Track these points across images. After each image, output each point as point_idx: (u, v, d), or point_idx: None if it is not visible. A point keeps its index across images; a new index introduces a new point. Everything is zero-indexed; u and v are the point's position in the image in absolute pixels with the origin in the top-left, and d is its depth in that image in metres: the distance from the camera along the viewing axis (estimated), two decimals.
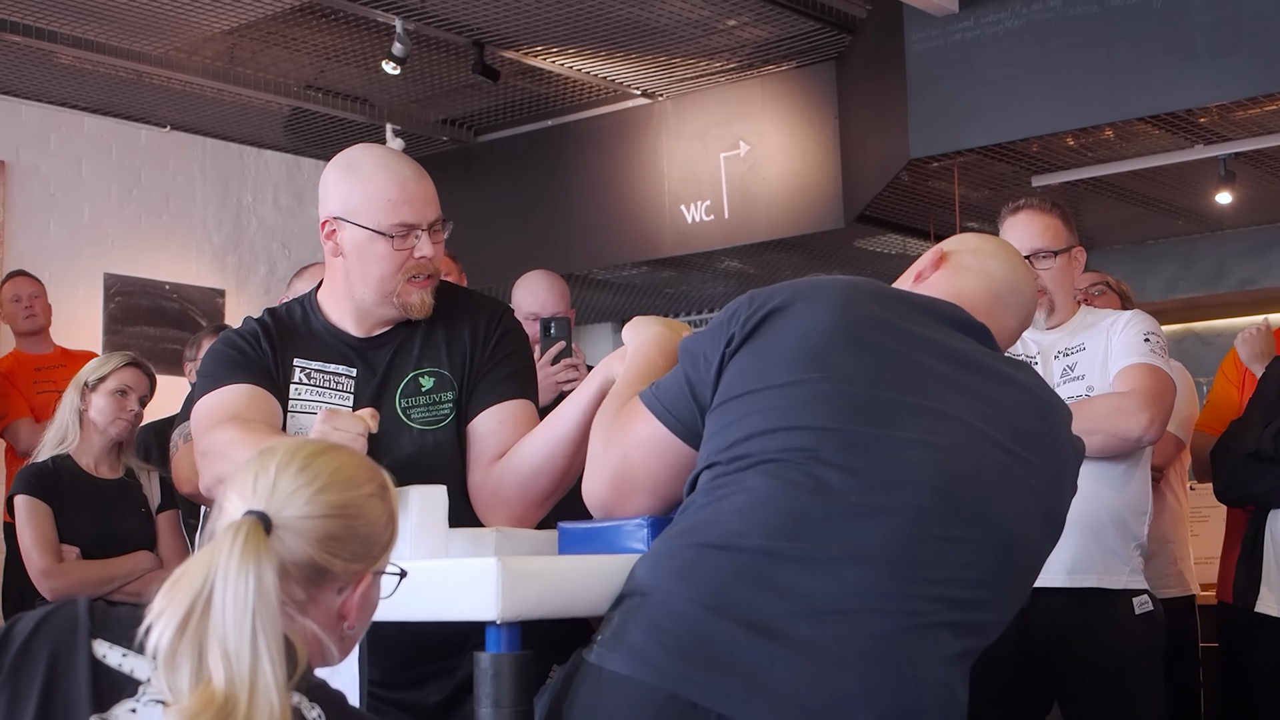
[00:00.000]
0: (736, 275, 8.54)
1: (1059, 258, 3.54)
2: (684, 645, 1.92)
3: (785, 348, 2.09)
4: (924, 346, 2.12)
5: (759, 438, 2.03)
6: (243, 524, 1.61)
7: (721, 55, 7.23)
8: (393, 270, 2.59)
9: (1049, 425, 2.17)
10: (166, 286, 7.95)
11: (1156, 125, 6.19)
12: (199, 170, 8.22)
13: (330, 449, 1.74)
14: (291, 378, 2.63)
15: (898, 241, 7.99)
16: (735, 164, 7.51)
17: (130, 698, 1.60)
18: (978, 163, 6.64)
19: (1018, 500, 2.08)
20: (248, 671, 1.54)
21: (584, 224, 8.03)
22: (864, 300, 2.15)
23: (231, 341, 2.65)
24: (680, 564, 1.99)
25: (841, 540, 1.96)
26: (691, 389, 2.15)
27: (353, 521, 1.68)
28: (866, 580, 1.94)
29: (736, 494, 2.01)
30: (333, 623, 1.71)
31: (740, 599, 1.93)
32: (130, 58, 7.01)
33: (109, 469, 4.46)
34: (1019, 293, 2.32)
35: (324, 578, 1.67)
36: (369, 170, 2.60)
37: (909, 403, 2.06)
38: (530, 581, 2.01)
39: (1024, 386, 2.18)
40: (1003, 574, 2.06)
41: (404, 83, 7.41)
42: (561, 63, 7.30)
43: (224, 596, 1.56)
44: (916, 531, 1.98)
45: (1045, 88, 6.02)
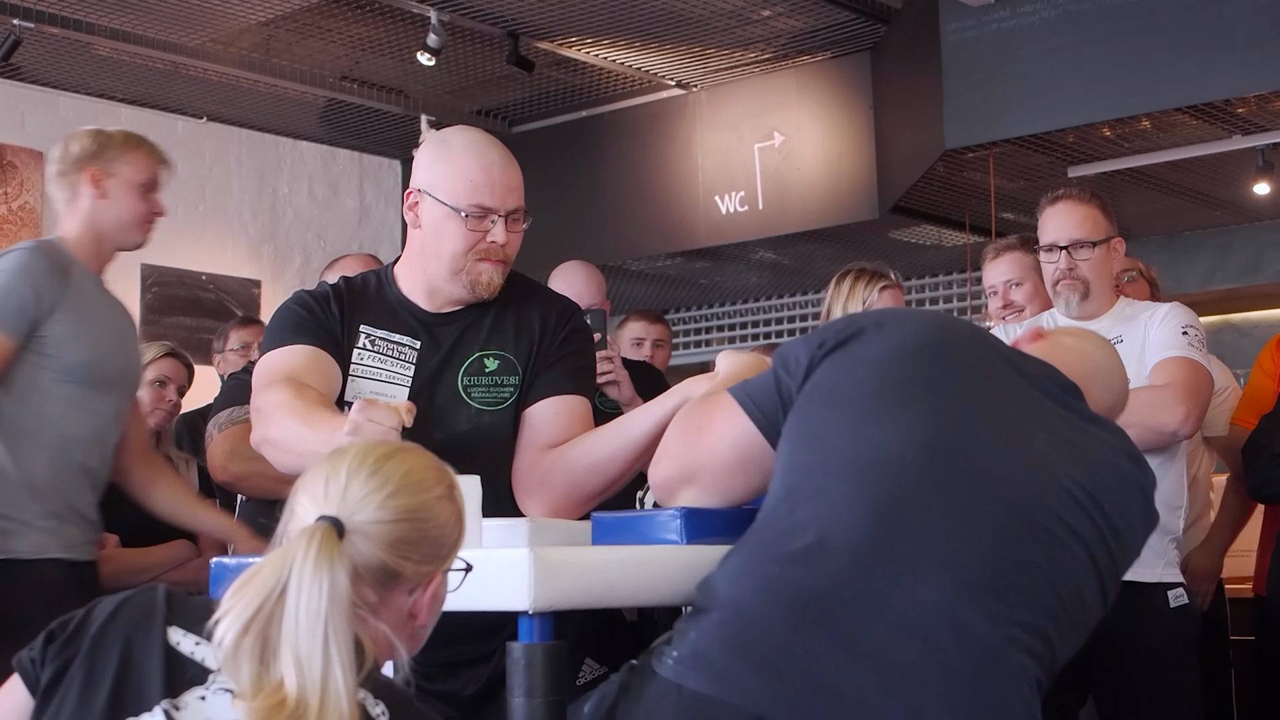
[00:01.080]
0: (770, 266, 8.52)
1: (1098, 248, 3.53)
2: (769, 665, 1.91)
3: (877, 358, 2.11)
4: (1012, 384, 2.15)
5: (843, 439, 2.04)
6: (316, 529, 1.63)
7: (756, 45, 7.22)
8: (464, 249, 2.62)
9: (1127, 490, 2.17)
10: (203, 277, 7.99)
11: (1194, 115, 6.14)
12: (235, 161, 8.25)
13: (400, 451, 1.76)
14: (356, 343, 2.66)
15: (932, 232, 7.95)
16: (769, 155, 7.49)
17: (200, 685, 1.62)
18: (1013, 153, 6.60)
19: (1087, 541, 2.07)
20: (319, 677, 1.56)
21: (617, 215, 8.03)
22: (960, 329, 2.22)
23: (303, 300, 2.69)
24: (763, 581, 1.98)
25: (928, 554, 1.96)
26: (778, 385, 2.17)
27: (423, 525, 1.71)
28: (952, 599, 1.94)
29: (819, 502, 2.01)
30: (403, 622, 1.73)
31: (825, 618, 1.92)
32: (167, 49, 7.05)
33: None
34: (1109, 378, 2.36)
35: (395, 580, 1.70)
36: (459, 149, 2.65)
37: (994, 423, 2.08)
38: (563, 572, 2.01)
39: (1109, 442, 2.19)
40: (1069, 606, 2.06)
41: (439, 74, 7.42)
42: (596, 53, 7.30)
43: (297, 602, 1.59)
44: (998, 551, 1.98)
45: (1081, 78, 5.99)
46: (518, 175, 2.68)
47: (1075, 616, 2.08)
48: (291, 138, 8.48)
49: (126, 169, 3.67)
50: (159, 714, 1.59)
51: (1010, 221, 7.46)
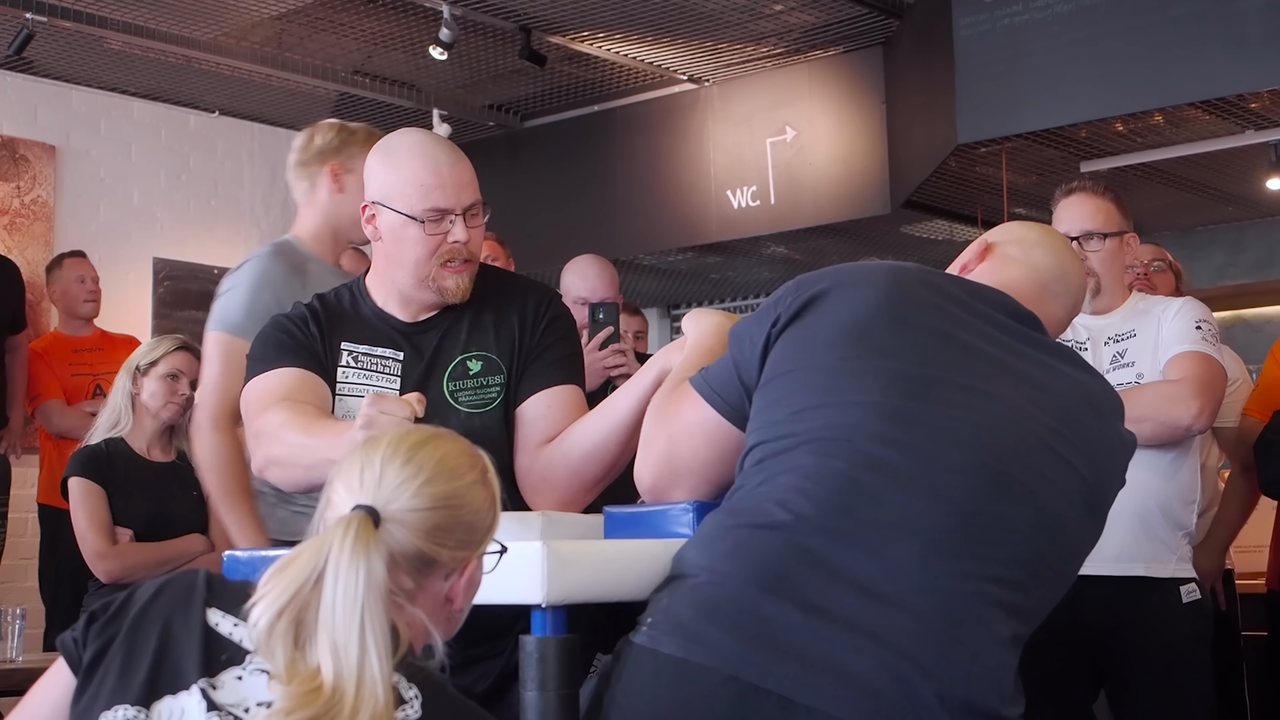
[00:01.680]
0: (782, 261, 8.51)
1: (1109, 241, 3.52)
2: (741, 627, 1.91)
3: (831, 327, 2.09)
4: (971, 329, 2.12)
5: (806, 414, 2.03)
6: (352, 518, 1.65)
7: (768, 40, 7.21)
8: (426, 255, 2.61)
9: (1098, 415, 2.16)
10: (215, 271, 7.96)
11: (1207, 111, 6.12)
12: (247, 155, 8.27)
13: (433, 438, 1.76)
14: (339, 361, 2.66)
15: (944, 227, 7.94)
16: (781, 149, 7.49)
17: (237, 665, 1.64)
18: (1026, 148, 6.59)
19: (1062, 484, 2.06)
20: (355, 664, 1.58)
21: (629, 209, 8.02)
22: (910, 283, 2.15)
23: (281, 325, 2.68)
24: (732, 545, 1.99)
25: (893, 516, 1.96)
26: (738, 370, 2.16)
27: (458, 511, 1.72)
28: (920, 557, 1.94)
29: (786, 473, 2.01)
30: (439, 607, 1.75)
31: (795, 580, 1.93)
32: (179, 43, 7.05)
33: (161, 452, 4.50)
34: (1065, 281, 2.31)
35: (431, 567, 1.71)
36: (403, 155, 2.61)
37: (956, 381, 2.06)
38: (576, 565, 2.02)
39: (1073, 375, 2.17)
40: (1048, 555, 2.05)
41: (450, 68, 7.43)
42: (608, 48, 7.29)
43: (334, 590, 1.61)
44: (966, 508, 1.97)
45: (1095, 73, 5.98)
46: (468, 169, 2.65)
47: (1057, 561, 2.08)
48: None
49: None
50: (196, 692, 1.61)
51: (1023, 216, 7.44)
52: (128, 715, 1.60)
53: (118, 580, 4.28)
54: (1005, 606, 1.98)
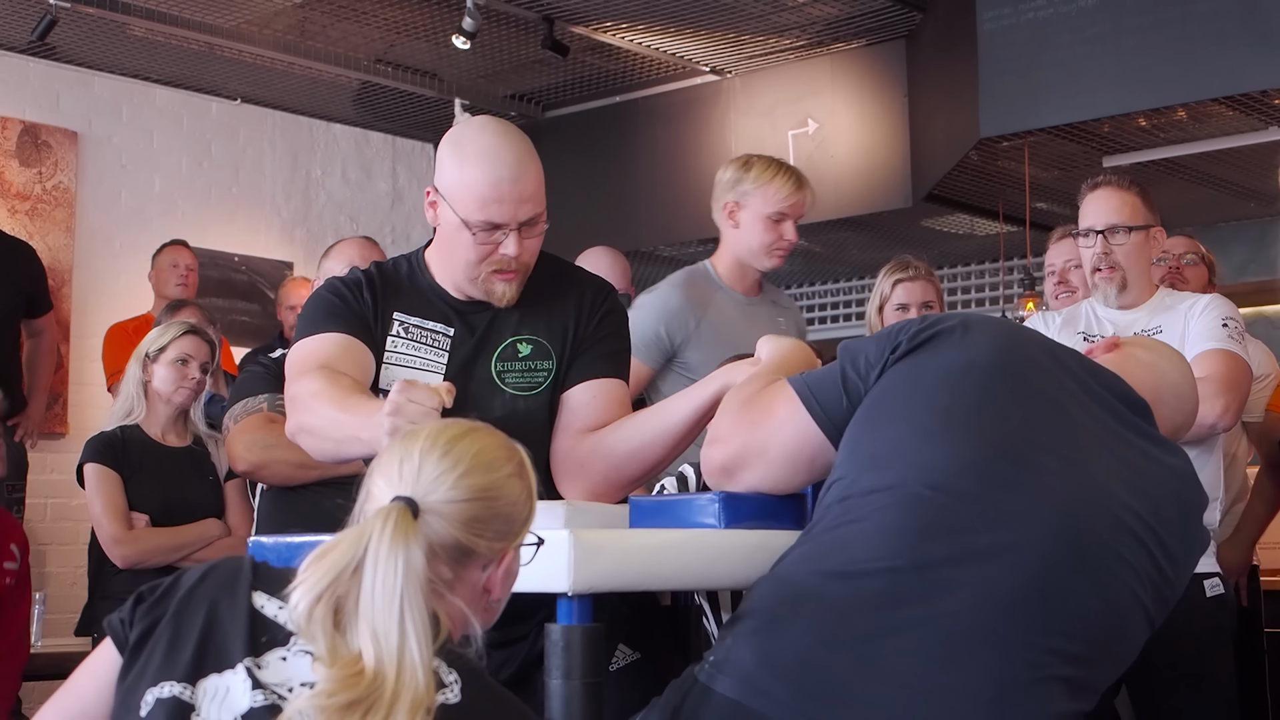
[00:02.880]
0: (803, 253, 8.49)
1: (1134, 234, 3.51)
2: (794, 676, 1.91)
3: (946, 369, 2.09)
4: (1082, 405, 2.12)
5: (900, 456, 2.03)
6: (391, 510, 1.67)
7: (791, 32, 7.20)
8: (476, 260, 2.59)
9: (1187, 513, 2.16)
10: (235, 258, 8.01)
11: (1230, 106, 6.10)
12: (268, 143, 8.27)
13: (470, 431, 1.78)
14: (390, 330, 2.64)
15: (966, 221, 7.93)
16: (803, 142, 7.47)
17: (282, 646, 1.67)
18: (1048, 142, 6.57)
19: (1139, 570, 2.06)
20: (395, 650, 1.61)
21: (651, 200, 8.02)
22: (1032, 346, 2.18)
23: (335, 288, 2.67)
24: (800, 592, 1.98)
25: (967, 576, 1.95)
26: (844, 384, 2.15)
27: (495, 503, 1.74)
28: (988, 620, 1.93)
29: (867, 520, 2.00)
30: (477, 597, 1.77)
31: (855, 634, 1.92)
32: (202, 30, 7.06)
33: (176, 437, 4.50)
34: (1181, 397, 2.34)
35: (470, 557, 1.73)
36: (471, 156, 2.57)
37: (1056, 450, 2.05)
38: (602, 554, 2.02)
39: (1173, 467, 2.17)
40: (1113, 634, 2.05)
41: (473, 57, 7.42)
42: (630, 39, 7.29)
43: (374, 579, 1.63)
44: (1040, 575, 1.96)
45: (1118, 67, 5.96)
46: (533, 182, 2.59)
47: (1116, 646, 2.07)
48: (325, 120, 8.49)
49: (757, 202, 4.04)
50: (241, 671, 1.63)
51: (1044, 211, 7.43)
52: (174, 691, 1.62)
53: (134, 565, 4.29)
54: (1066, 680, 1.97)
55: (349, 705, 1.57)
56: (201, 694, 1.63)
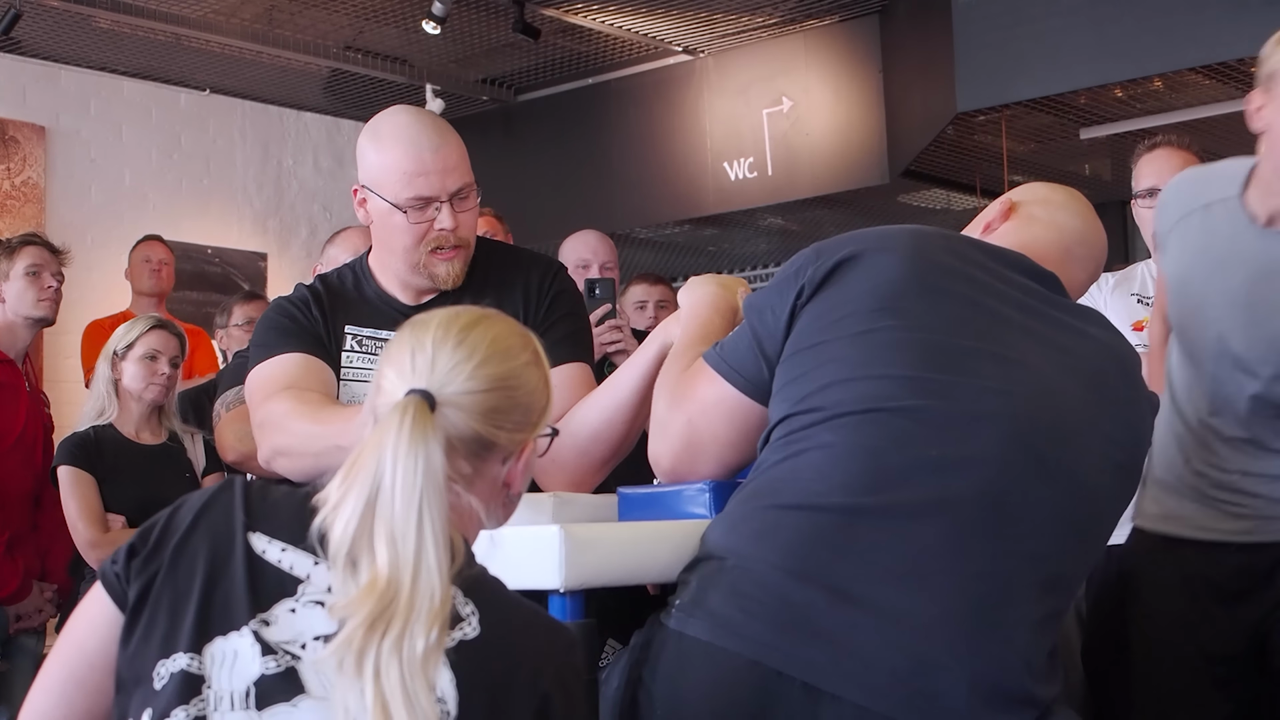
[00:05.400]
0: (779, 232, 8.48)
1: None
2: (767, 611, 1.86)
3: (857, 297, 2.02)
4: (998, 294, 2.06)
5: (833, 388, 1.97)
6: (408, 403, 1.56)
7: (763, 10, 7.15)
8: (413, 243, 2.53)
9: (1125, 376, 2.11)
10: (209, 251, 7.94)
11: (1207, 75, 6.09)
12: (239, 133, 8.19)
13: (483, 318, 1.68)
14: (343, 345, 2.59)
15: (942, 196, 7.92)
16: (778, 120, 7.44)
17: (290, 597, 1.55)
18: (1025, 116, 6.55)
19: (1095, 452, 2.01)
20: (412, 555, 1.49)
21: (626, 182, 7.98)
22: (935, 248, 2.09)
23: (283, 309, 2.61)
24: (759, 527, 1.93)
25: (924, 494, 1.90)
26: (759, 344, 2.08)
27: (514, 392, 1.64)
28: (950, 537, 1.88)
29: (813, 450, 1.95)
30: (496, 492, 1.67)
31: (822, 562, 1.88)
32: (168, 21, 6.98)
33: (151, 435, 4.43)
34: (1088, 245, 2.25)
35: (490, 450, 1.63)
36: (388, 139, 2.53)
37: (986, 350, 2.00)
38: (593, 549, 1.97)
39: (1099, 337, 2.12)
40: (1082, 526, 2.01)
41: (443, 42, 7.36)
42: (602, 20, 7.23)
43: (393, 479, 1.52)
44: (998, 483, 1.92)
45: (1094, 39, 5.94)
46: (456, 151, 2.54)
47: (1090, 531, 2.04)
48: (296, 109, 8.43)
49: None
50: (248, 634, 1.52)
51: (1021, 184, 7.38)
52: (183, 664, 1.51)
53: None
54: (1039, 584, 1.93)
55: (371, 622, 1.45)
56: (209, 661, 1.51)
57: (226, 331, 5.44)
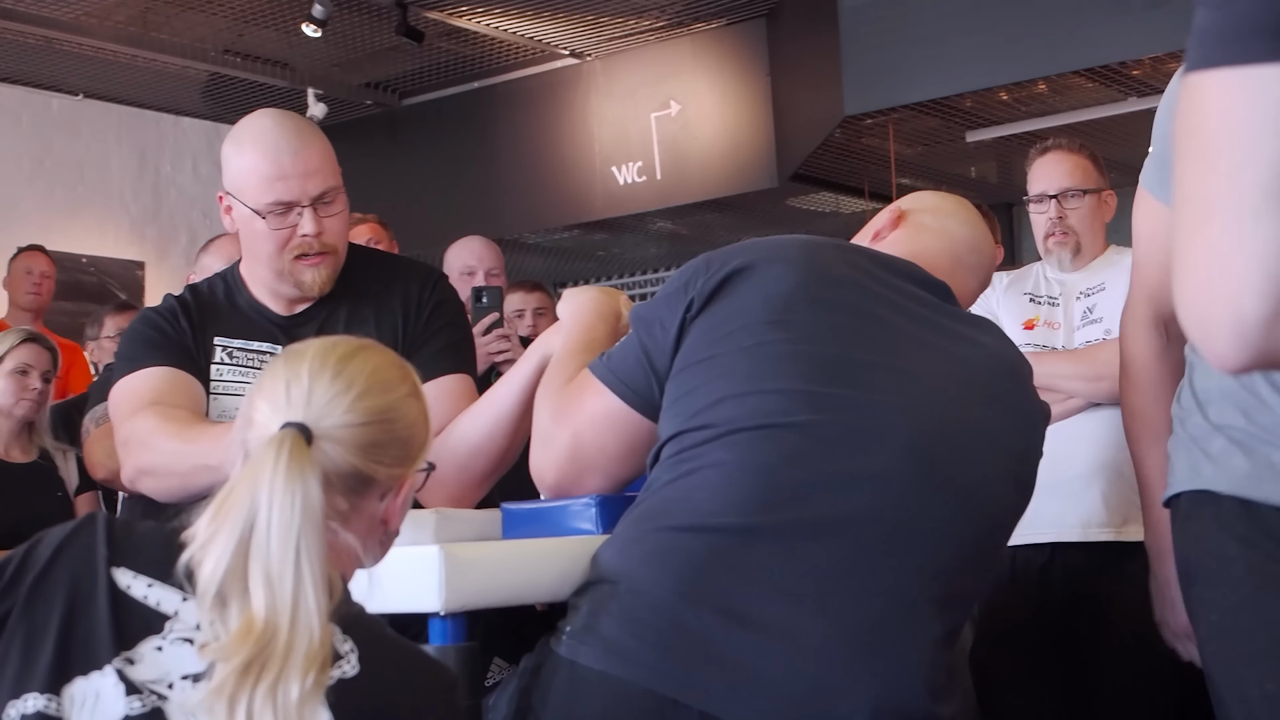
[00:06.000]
0: (669, 236, 8.46)
1: (1088, 197, 3.49)
2: (661, 637, 1.82)
3: (748, 309, 1.98)
4: (890, 305, 2.03)
5: (725, 404, 1.92)
6: (284, 437, 1.50)
7: (650, 13, 7.12)
8: (276, 249, 2.46)
9: (1017, 384, 2.10)
10: (83, 260, 7.76)
11: (1091, 78, 6.15)
12: (114, 139, 8.02)
13: (361, 349, 1.62)
14: (213, 357, 2.51)
15: (831, 199, 7.94)
16: (666, 124, 7.42)
17: (156, 634, 1.48)
18: (911, 119, 6.58)
19: (988, 464, 1.99)
20: (290, 596, 1.44)
21: (513, 187, 7.91)
22: (826, 258, 2.05)
23: (150, 320, 2.53)
24: (652, 549, 1.88)
25: (820, 512, 1.86)
26: (648, 357, 2.03)
27: (394, 425, 1.58)
28: (847, 556, 1.85)
29: (705, 468, 1.90)
30: (373, 529, 1.61)
31: (716, 586, 1.83)
32: (39, 23, 6.82)
33: (21, 452, 4.31)
34: (979, 253, 2.24)
35: (368, 486, 1.57)
36: (248, 143, 2.46)
37: (880, 362, 1.97)
38: (475, 569, 1.91)
39: (990, 345, 2.10)
40: (977, 539, 1.98)
41: (325, 46, 7.25)
42: (487, 23, 7.16)
43: (269, 516, 1.46)
44: (896, 500, 1.89)
45: (979, 42, 5.97)
46: (319, 154, 2.47)
47: (985, 543, 2.02)
48: (173, 114, 8.28)
49: None
50: (110, 672, 1.45)
51: (909, 187, 7.43)
52: (38, 705, 1.43)
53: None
54: (937, 601, 1.91)
55: (245, 667, 1.40)
56: (68, 702, 1.43)
57: (98, 343, 5.31)
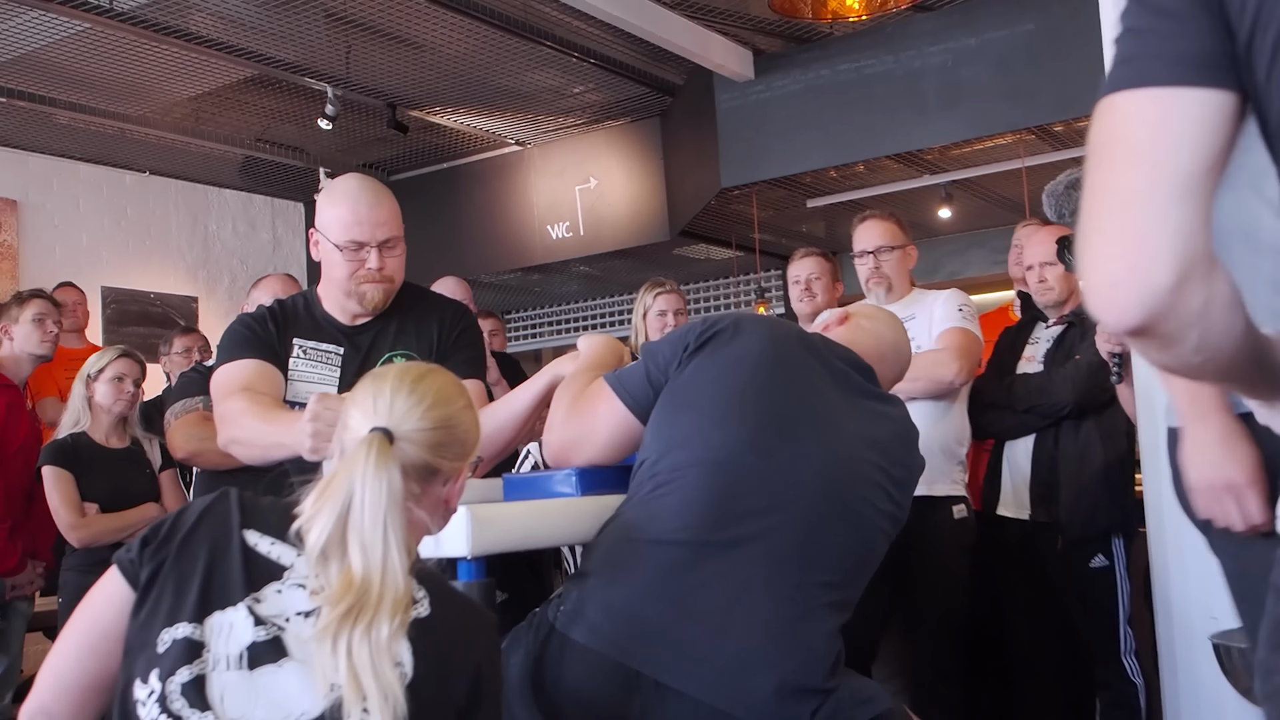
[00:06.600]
0: (586, 276, 8.43)
1: (896, 252, 3.53)
2: (630, 624, 1.85)
3: (727, 363, 2.02)
4: (829, 381, 2.07)
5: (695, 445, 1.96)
6: (372, 439, 1.50)
7: (574, 113, 7.10)
8: (347, 275, 2.47)
9: (906, 447, 2.14)
10: (151, 295, 7.57)
11: (897, 161, 6.23)
12: (173, 205, 7.84)
13: (429, 372, 1.61)
14: (291, 353, 2.50)
15: (704, 249, 7.94)
16: (587, 195, 7.39)
17: (276, 580, 1.47)
18: (768, 190, 6.62)
19: (879, 506, 2.03)
20: (380, 558, 1.43)
21: (473, 241, 7.84)
22: (790, 338, 2.11)
23: (246, 323, 2.52)
24: (628, 556, 1.91)
25: (752, 532, 1.89)
26: (648, 378, 2.08)
27: (454, 430, 1.57)
28: (769, 567, 1.88)
29: (672, 495, 1.93)
30: (438, 507, 1.60)
31: (673, 586, 1.86)
32: (115, 118, 6.65)
33: (118, 440, 4.19)
34: (899, 352, 2.31)
35: (434, 475, 1.56)
36: (338, 196, 2.48)
37: (814, 423, 2.00)
38: (492, 524, 1.91)
39: (894, 416, 2.14)
40: (864, 559, 2.02)
41: (332, 135, 7.15)
42: (455, 119, 7.10)
43: (363, 498, 1.45)
44: (808, 526, 1.92)
45: (817, 135, 6.02)
46: (388, 211, 2.49)
47: (866, 568, 2.05)
48: (217, 186, 8.10)
49: None
50: (243, 609, 1.43)
51: (766, 240, 7.48)
52: (186, 632, 1.41)
53: (88, 545, 3.98)
54: (832, 605, 1.94)
55: (345, 613, 1.39)
56: (209, 631, 1.42)
57: (169, 358, 5.18)
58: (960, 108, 5.58)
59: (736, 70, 6.01)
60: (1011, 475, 3.58)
